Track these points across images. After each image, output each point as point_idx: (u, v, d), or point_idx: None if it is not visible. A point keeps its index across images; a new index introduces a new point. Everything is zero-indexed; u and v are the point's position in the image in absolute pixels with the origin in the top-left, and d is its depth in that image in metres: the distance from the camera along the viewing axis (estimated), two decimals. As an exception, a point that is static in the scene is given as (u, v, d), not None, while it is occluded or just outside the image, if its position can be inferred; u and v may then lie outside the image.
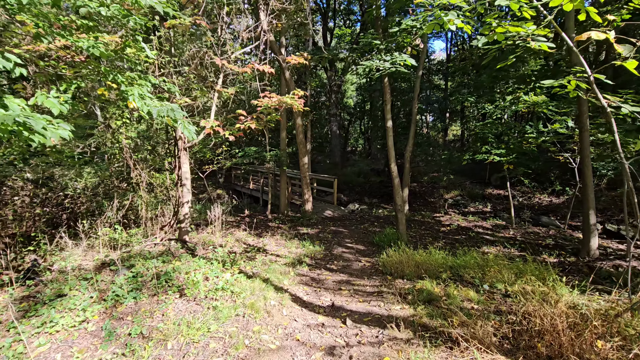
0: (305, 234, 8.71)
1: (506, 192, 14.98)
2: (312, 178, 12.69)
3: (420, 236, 8.31)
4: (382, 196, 15.77)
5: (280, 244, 7.94)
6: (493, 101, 9.99)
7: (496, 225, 9.41)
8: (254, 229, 9.46)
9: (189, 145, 5.97)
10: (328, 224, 9.83)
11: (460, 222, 9.69)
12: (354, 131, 35.61)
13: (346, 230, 9.07)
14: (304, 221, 9.81)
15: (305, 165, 10.03)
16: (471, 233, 8.42)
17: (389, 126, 7.27)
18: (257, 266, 5.66)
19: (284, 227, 9.59)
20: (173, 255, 5.63)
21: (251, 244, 7.83)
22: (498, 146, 9.35)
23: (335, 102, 20.39)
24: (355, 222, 9.97)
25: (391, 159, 7.40)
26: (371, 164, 22.68)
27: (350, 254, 7.09)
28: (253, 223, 10.09)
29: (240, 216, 11.25)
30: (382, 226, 9.38)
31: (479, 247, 7.35)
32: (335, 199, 11.83)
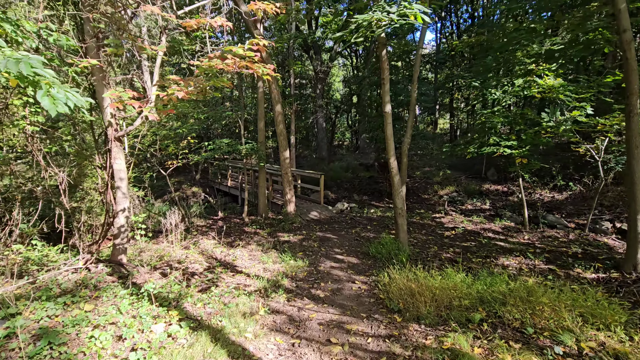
0: (286, 243, 7.12)
1: (505, 188, 13.72)
2: (296, 174, 11.08)
3: (423, 244, 6.84)
4: (372, 193, 14.29)
5: (255, 256, 6.34)
6: (500, 86, 8.56)
7: (506, 228, 8.02)
8: (227, 235, 7.83)
9: (121, 135, 4.29)
10: (314, 228, 8.26)
11: (465, 225, 8.26)
12: (340, 125, 34.09)
13: (335, 237, 7.52)
14: (286, 225, 8.22)
15: (287, 160, 8.41)
16: (482, 239, 6.99)
17: (388, 111, 5.71)
18: (213, 301, 4.03)
19: (262, 232, 7.97)
20: (95, 287, 3.96)
21: (218, 258, 6.20)
22: (508, 137, 7.93)
23: (321, 93, 18.73)
24: (345, 226, 8.43)
25: (390, 151, 5.86)
26: (359, 158, 21.20)
27: (340, 271, 5.55)
28: (225, 228, 8.44)
29: (212, 219, 9.58)
30: (377, 231, 7.87)
31: (496, 259, 5.92)
32: (322, 197, 10.27)
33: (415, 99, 7.66)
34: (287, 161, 8.42)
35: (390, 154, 5.85)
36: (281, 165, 8.46)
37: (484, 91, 8.49)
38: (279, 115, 8.16)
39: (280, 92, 19.72)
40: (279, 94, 8.08)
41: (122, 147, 4.48)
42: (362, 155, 22.64)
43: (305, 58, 25.64)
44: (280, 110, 8.16)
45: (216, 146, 8.24)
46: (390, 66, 15.38)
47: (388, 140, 5.83)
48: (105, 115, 4.29)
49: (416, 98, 7.69)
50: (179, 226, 6.50)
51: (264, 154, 8.69)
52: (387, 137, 5.80)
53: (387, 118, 5.74)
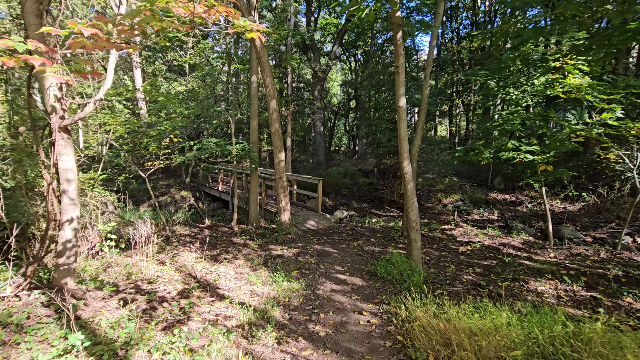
0: (279, 257, 6.10)
1: (513, 197, 12.82)
2: (292, 180, 10.08)
3: (437, 261, 5.85)
4: (372, 200, 13.33)
5: (242, 274, 5.30)
6: (519, 85, 7.68)
7: (527, 244, 7.07)
8: (212, 247, 6.79)
9: (68, 123, 3.28)
10: (311, 240, 7.25)
11: (481, 239, 7.29)
12: (338, 130, 33.25)
13: (335, 251, 6.51)
14: (280, 236, 7.20)
15: (282, 163, 7.42)
16: (505, 257, 6.02)
17: (402, 106, 4.75)
18: (177, 348, 2.99)
19: (252, 244, 6.94)
20: (18, 325, 2.91)
21: (198, 277, 5.16)
22: (529, 141, 7.02)
23: (319, 95, 17.82)
24: (346, 238, 7.43)
25: (403, 153, 4.89)
26: (358, 164, 20.26)
27: (343, 295, 4.54)
28: (211, 239, 7.39)
29: (199, 227, 8.52)
30: (382, 244, 6.87)
31: (526, 282, 4.95)
32: (319, 205, 9.27)
33: (427, 96, 6.73)
34: (282, 164, 7.42)
35: (403, 157, 4.88)
36: (275, 168, 7.47)
37: (500, 91, 7.60)
38: (273, 112, 7.18)
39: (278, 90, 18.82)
40: (274, 88, 7.12)
41: (70, 141, 3.45)
42: (360, 161, 21.72)
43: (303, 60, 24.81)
44: (276, 107, 7.19)
45: (203, 146, 7.23)
46: None
47: (401, 141, 4.86)
48: (48, 97, 3.28)
49: (428, 95, 6.76)
50: (152, 238, 5.46)
51: (256, 156, 7.69)
52: (400, 136, 4.84)
53: (400, 113, 4.78)
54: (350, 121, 28.96)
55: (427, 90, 6.70)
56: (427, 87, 6.72)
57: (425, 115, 6.78)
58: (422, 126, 6.87)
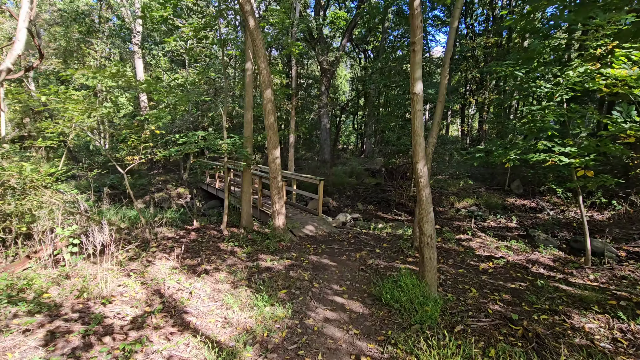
0: (267, 271, 5.15)
1: (533, 203, 11.64)
2: (291, 179, 9.12)
3: (454, 282, 4.83)
4: (379, 202, 12.30)
5: (220, 292, 4.37)
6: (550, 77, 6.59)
7: (560, 261, 5.97)
8: (194, 254, 5.88)
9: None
10: (307, 249, 6.29)
11: (503, 253, 6.22)
12: (346, 128, 32.21)
13: (333, 263, 5.54)
14: (272, 244, 6.25)
15: (277, 160, 6.46)
16: (535, 279, 4.97)
17: (418, 93, 3.74)
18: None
19: (239, 252, 6.01)
20: None
21: (166, 295, 4.24)
22: (563, 142, 5.93)
23: (327, 90, 16.80)
24: (347, 247, 6.44)
25: (418, 152, 3.88)
26: (365, 163, 19.21)
27: (339, 328, 3.57)
28: (196, 244, 6.49)
29: (186, 229, 7.63)
30: (389, 257, 5.87)
31: (569, 316, 3.90)
32: (320, 207, 8.29)
33: (446, 87, 5.69)
34: (277, 161, 6.46)
35: (418, 156, 3.87)
36: (269, 167, 6.51)
37: (529, 83, 6.50)
38: (268, 103, 6.21)
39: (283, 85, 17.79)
40: (269, 76, 6.15)
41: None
42: (367, 160, 20.65)
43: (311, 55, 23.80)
44: (271, 97, 6.22)
45: (189, 140, 6.31)
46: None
47: (416, 137, 3.84)
48: None
49: (446, 87, 5.72)
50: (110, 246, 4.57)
51: (248, 152, 6.75)
52: (415, 131, 3.82)
53: (416, 102, 3.77)
54: (359, 119, 27.86)
55: (445, 80, 5.66)
56: (447, 76, 5.68)
57: (442, 109, 5.74)
58: (439, 121, 5.83)
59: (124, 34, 14.45)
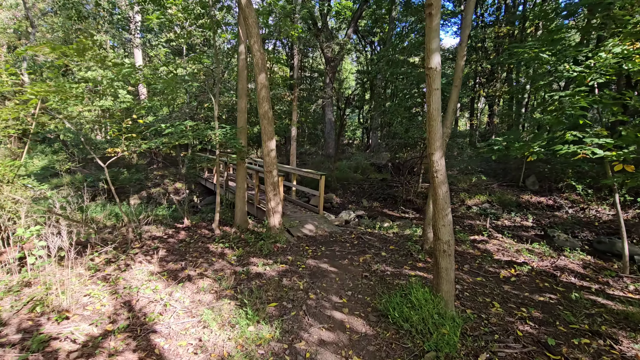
0: (257, 278, 4.50)
1: (550, 201, 10.81)
2: (289, 174, 8.44)
3: (473, 293, 4.12)
4: (385, 199, 11.58)
5: (199, 306, 3.73)
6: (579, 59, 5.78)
7: (591, 268, 5.21)
8: (179, 257, 5.27)
9: None
10: (305, 251, 5.62)
11: (525, 258, 5.47)
12: (351, 123, 31.36)
13: (333, 269, 4.86)
14: (265, 245, 5.59)
15: (272, 153, 5.78)
16: (570, 292, 4.23)
17: (434, 67, 3.01)
18: None
19: (229, 255, 5.37)
20: None
21: (136, 309, 3.61)
22: (597, 133, 5.14)
23: (331, 81, 16.03)
24: (350, 249, 5.76)
25: (434, 141, 3.16)
26: (370, 158, 18.44)
27: (335, 354, 2.90)
28: (183, 245, 5.87)
29: (175, 227, 7.02)
30: (396, 262, 5.17)
31: (615, 340, 3.18)
32: (321, 204, 7.60)
33: (463, 68, 4.94)
34: (273, 154, 5.78)
35: (434, 146, 3.15)
36: (264, 160, 5.83)
37: (556, 66, 5.71)
38: (262, 88, 5.52)
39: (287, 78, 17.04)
40: (263, 58, 5.45)
41: None
42: (373, 155, 19.86)
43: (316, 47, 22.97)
44: (265, 83, 5.53)
45: (175, 130, 5.65)
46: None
47: (432, 122, 3.12)
48: None
49: (463, 69, 4.97)
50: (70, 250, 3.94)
51: (241, 144, 6.08)
52: (431, 115, 3.10)
53: (432, 79, 3.04)
54: (365, 113, 27.05)
55: (462, 61, 4.90)
56: (464, 56, 4.92)
57: (458, 95, 4.99)
58: (454, 109, 5.09)
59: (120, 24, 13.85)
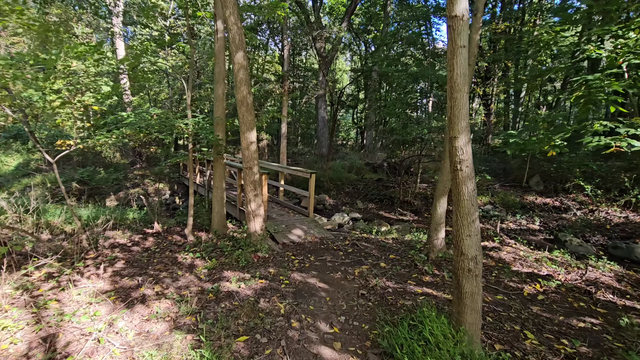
0: (229, 298, 3.57)
1: (556, 202, 10.03)
2: (276, 172, 7.54)
3: (498, 319, 3.24)
4: (381, 200, 10.71)
5: (144, 341, 2.79)
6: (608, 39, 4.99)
7: (625, 280, 4.36)
8: (140, 269, 4.32)
9: None
10: (290, 262, 4.71)
11: (549, 269, 4.61)
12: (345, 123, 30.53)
13: (323, 286, 3.95)
14: (243, 255, 4.67)
15: (252, 147, 4.86)
16: (618, 317, 3.37)
17: (459, 14, 2.12)
18: None
19: (200, 267, 4.44)
20: None
21: (58, 347, 2.65)
22: (631, 122, 4.33)
23: (324, 78, 15.16)
24: (344, 259, 4.86)
25: (458, 119, 2.28)
26: (365, 158, 17.60)
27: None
28: (148, 254, 4.92)
29: (144, 233, 6.06)
30: (399, 275, 4.28)
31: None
32: (311, 206, 6.70)
33: (478, 44, 4.10)
34: (253, 147, 4.86)
35: (457, 127, 2.27)
36: (242, 154, 4.91)
37: (580, 46, 4.89)
38: (240, 69, 4.60)
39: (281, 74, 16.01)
40: (241, 35, 4.54)
41: None
42: (368, 155, 19.02)
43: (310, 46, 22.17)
44: (243, 63, 4.61)
45: (137, 119, 4.71)
46: None
47: (454, 94, 2.25)
48: None
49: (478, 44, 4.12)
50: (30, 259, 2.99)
51: (219, 137, 5.15)
52: (454, 83, 2.23)
53: (457, 31, 2.16)
54: (359, 112, 26.25)
55: (477, 35, 4.06)
56: (479, 30, 4.06)
57: (471, 77, 4.14)
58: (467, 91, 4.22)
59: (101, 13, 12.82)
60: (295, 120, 23.66)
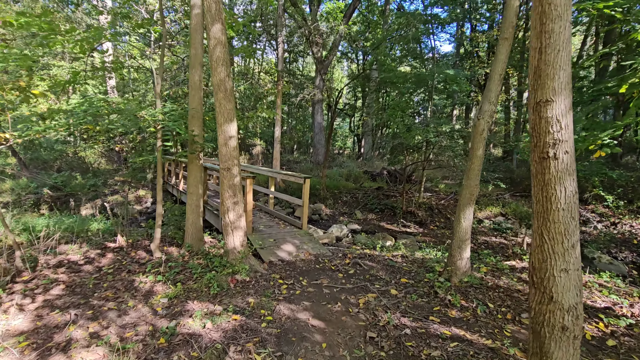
0: (186, 344, 2.51)
1: (573, 213, 9.12)
2: (264, 176, 6.55)
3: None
4: (382, 210, 9.71)
5: None
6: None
7: None
8: (82, 297, 3.25)
9: None
10: (277, 286, 3.66)
11: (607, 300, 3.60)
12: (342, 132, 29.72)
13: (318, 323, 2.91)
14: (217, 278, 3.62)
15: (231, 143, 3.86)
16: None
17: None
18: None
19: (159, 296, 3.38)
20: None
21: None
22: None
23: (321, 83, 14.32)
24: (344, 283, 3.82)
25: (553, 71, 1.28)
26: (363, 166, 16.65)
27: None
28: (100, 275, 3.85)
29: (106, 247, 4.98)
30: (416, 305, 3.24)
31: None
32: (305, 217, 5.67)
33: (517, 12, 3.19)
34: (232, 144, 3.87)
35: (552, 82, 1.28)
36: (220, 152, 3.90)
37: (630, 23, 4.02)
38: (217, 46, 3.64)
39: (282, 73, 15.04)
40: (218, 3, 3.60)
41: None
42: (365, 163, 18.08)
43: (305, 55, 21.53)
44: (221, 39, 3.66)
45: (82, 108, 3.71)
46: None
47: (548, 23, 1.26)
48: None
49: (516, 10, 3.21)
50: None
51: (194, 132, 4.16)
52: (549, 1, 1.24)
53: None
54: (356, 120, 25.48)
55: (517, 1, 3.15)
56: (518, -6, 3.15)
57: (509, 52, 3.22)
58: (501, 75, 3.30)
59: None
60: (291, 128, 22.80)
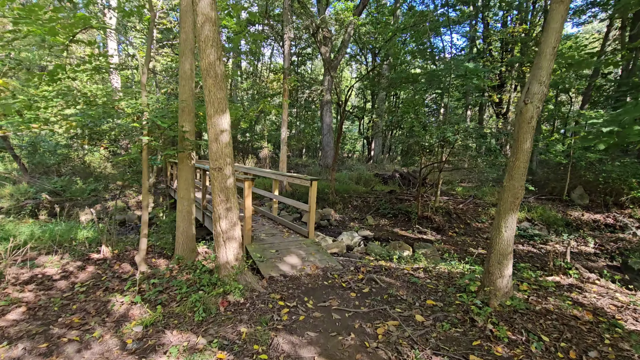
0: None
1: (608, 218, 8.20)
2: (273, 178, 5.92)
3: None
4: (395, 215, 8.98)
5: None
6: None
7: None
8: (44, 323, 2.63)
9: None
10: (276, 309, 3.01)
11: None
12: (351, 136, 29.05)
13: (326, 364, 2.24)
14: (205, 300, 2.98)
15: (223, 138, 3.24)
16: None
17: None
18: None
19: (133, 322, 2.76)
20: None
21: None
22: None
23: (330, 85, 13.73)
24: (357, 305, 3.14)
25: None
26: (373, 169, 15.94)
27: None
28: (72, 294, 3.27)
29: (89, 258, 4.42)
30: (449, 338, 2.54)
31: None
32: (311, 224, 5.01)
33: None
34: (224, 139, 3.26)
35: None
36: (210, 149, 3.30)
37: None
38: (205, 23, 3.06)
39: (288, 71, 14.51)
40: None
41: None
42: (376, 166, 17.35)
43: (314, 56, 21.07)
44: (210, 14, 3.08)
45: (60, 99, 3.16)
46: None
47: None
48: None
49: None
50: None
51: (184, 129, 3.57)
52: None
53: None
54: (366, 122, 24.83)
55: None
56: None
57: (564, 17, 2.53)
58: (555, 47, 2.61)
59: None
60: (299, 132, 22.27)
